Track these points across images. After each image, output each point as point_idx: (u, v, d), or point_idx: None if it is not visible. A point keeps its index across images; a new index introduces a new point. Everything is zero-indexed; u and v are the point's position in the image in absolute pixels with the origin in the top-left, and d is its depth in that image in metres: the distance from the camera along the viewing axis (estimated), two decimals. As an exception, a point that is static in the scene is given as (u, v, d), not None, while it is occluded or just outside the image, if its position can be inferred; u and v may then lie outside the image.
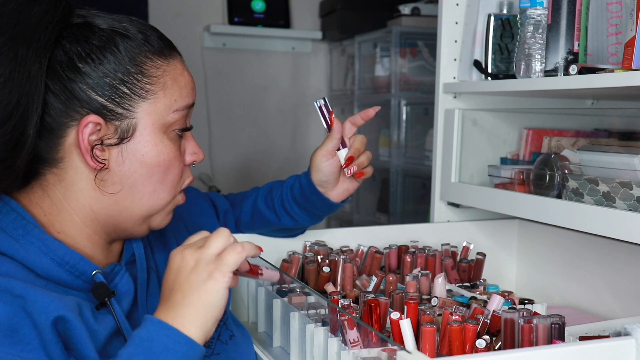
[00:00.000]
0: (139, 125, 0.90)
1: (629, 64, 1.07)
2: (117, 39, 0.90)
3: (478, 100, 1.59)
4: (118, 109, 0.89)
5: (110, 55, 0.88)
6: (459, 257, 1.40)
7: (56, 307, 0.81)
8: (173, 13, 3.01)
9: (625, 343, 0.86)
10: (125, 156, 0.90)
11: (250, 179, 3.13)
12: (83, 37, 0.88)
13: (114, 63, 0.88)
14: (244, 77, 3.17)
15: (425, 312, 1.00)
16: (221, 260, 0.84)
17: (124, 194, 0.92)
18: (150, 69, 0.91)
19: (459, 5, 1.58)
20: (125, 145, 0.90)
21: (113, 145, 0.89)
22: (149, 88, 0.91)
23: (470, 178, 1.55)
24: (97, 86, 0.87)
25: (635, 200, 1.12)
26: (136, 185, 0.92)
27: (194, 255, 0.84)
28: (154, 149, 0.92)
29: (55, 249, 0.88)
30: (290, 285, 1.23)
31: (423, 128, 2.62)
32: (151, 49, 0.92)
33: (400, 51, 2.66)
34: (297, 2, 3.21)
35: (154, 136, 0.92)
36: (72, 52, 0.87)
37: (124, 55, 0.89)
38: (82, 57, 0.87)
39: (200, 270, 0.83)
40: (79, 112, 0.87)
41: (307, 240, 1.41)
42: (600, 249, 1.40)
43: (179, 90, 0.94)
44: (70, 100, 0.87)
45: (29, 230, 0.88)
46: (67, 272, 0.88)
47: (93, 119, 0.87)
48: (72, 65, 0.87)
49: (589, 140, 1.47)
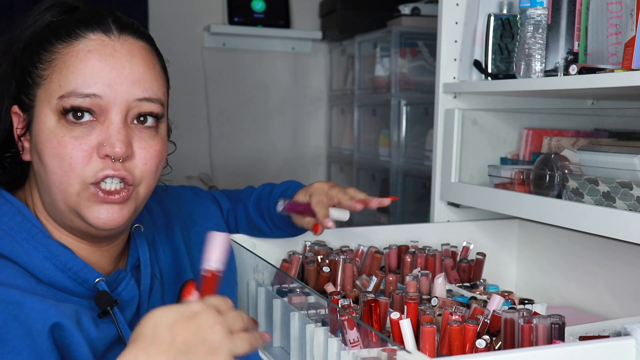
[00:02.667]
0: (35, 114, 0.90)
1: (629, 64, 1.07)
2: (42, 33, 0.92)
3: (478, 100, 1.59)
4: (26, 100, 0.90)
5: (28, 50, 0.91)
6: (459, 257, 1.40)
7: (53, 314, 0.81)
8: (173, 13, 3.01)
9: (625, 343, 0.86)
10: (32, 147, 0.91)
11: (250, 179, 3.14)
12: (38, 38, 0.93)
13: (26, 57, 0.91)
14: (244, 77, 3.17)
15: (425, 312, 1.00)
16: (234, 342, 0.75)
17: (43, 187, 0.90)
18: (46, 55, 0.89)
19: (459, 5, 1.58)
20: (31, 135, 0.90)
21: (24, 135, 0.91)
22: (42, 74, 0.89)
23: (470, 178, 1.55)
24: (19, 80, 0.91)
25: (635, 200, 1.12)
26: (41, 177, 0.90)
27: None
28: (42, 138, 0.88)
29: (58, 255, 0.88)
30: (290, 285, 1.23)
31: (423, 128, 2.62)
32: (55, 34, 0.90)
33: (400, 51, 2.66)
34: (297, 2, 3.21)
35: (44, 125, 0.88)
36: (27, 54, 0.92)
37: (34, 48, 0.91)
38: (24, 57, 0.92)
39: (211, 331, 0.74)
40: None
41: (307, 240, 1.41)
42: (600, 249, 1.39)
43: (67, 74, 0.87)
44: (13, 97, 0.92)
45: (34, 234, 0.88)
46: (69, 278, 0.88)
47: (14, 109, 0.92)
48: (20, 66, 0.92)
49: (589, 140, 1.47)
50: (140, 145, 0.90)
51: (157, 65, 0.95)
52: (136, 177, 0.90)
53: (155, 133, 0.93)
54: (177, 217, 1.16)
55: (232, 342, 0.75)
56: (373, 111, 2.91)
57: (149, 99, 0.91)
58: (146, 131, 0.92)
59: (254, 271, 1.32)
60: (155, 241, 1.07)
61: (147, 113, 0.91)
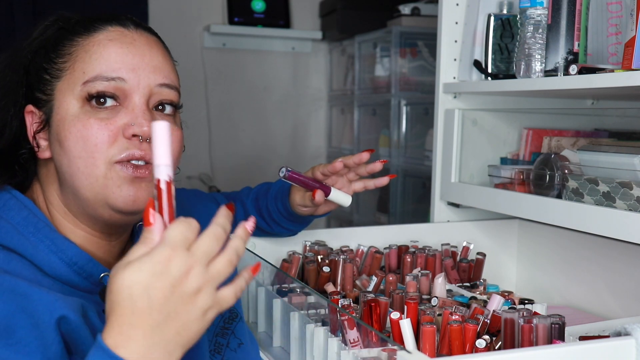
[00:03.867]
0: (54, 106, 0.90)
1: (629, 64, 1.07)
2: (57, 36, 0.93)
3: (478, 100, 1.59)
4: (42, 96, 0.91)
5: (41, 52, 0.92)
6: (459, 257, 1.40)
7: (60, 306, 0.81)
8: (173, 13, 3.01)
9: (625, 343, 0.86)
10: (51, 140, 0.91)
11: (250, 179, 3.13)
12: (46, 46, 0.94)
13: (43, 58, 0.92)
14: (244, 77, 3.17)
15: (425, 312, 1.00)
16: (213, 265, 0.71)
17: (64, 181, 0.90)
18: (65, 49, 0.91)
19: (459, 5, 1.58)
20: (50, 129, 0.91)
21: (42, 131, 0.91)
22: (62, 67, 0.90)
23: (470, 178, 1.55)
24: (34, 81, 0.92)
25: (635, 200, 1.12)
26: (63, 167, 0.89)
27: (167, 281, 0.68)
28: (64, 126, 0.88)
29: (64, 249, 0.88)
30: (290, 285, 1.23)
31: (423, 128, 2.62)
32: (72, 31, 0.92)
33: (400, 51, 2.66)
34: (297, 2, 3.21)
35: (66, 113, 0.89)
36: (38, 61, 0.94)
37: (50, 47, 0.92)
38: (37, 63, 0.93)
39: (189, 282, 0.69)
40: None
41: (307, 240, 1.41)
42: (600, 249, 1.39)
43: (90, 61, 0.89)
44: (28, 99, 0.93)
45: (40, 228, 0.88)
46: (75, 273, 0.88)
47: (28, 109, 0.92)
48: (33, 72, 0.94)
49: (589, 140, 1.47)
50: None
51: (172, 60, 0.98)
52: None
53: (174, 122, 0.95)
54: None
55: (212, 276, 0.70)
56: (373, 111, 2.91)
57: (169, 86, 0.93)
58: (166, 118, 0.93)
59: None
60: None
61: (168, 101, 0.93)
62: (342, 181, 1.24)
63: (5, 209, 0.89)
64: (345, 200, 1.23)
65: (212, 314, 0.72)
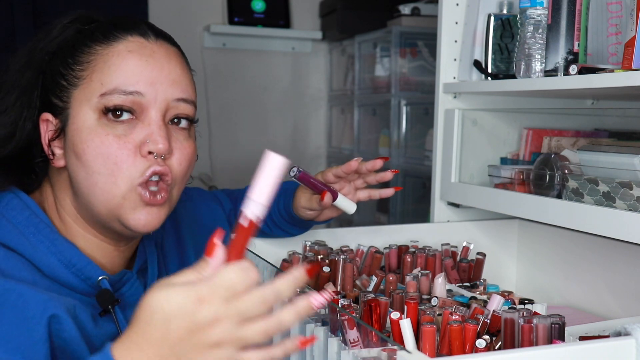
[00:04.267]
0: (70, 115, 0.89)
1: (629, 64, 1.07)
2: (75, 40, 0.92)
3: (478, 100, 1.59)
4: (59, 102, 0.90)
5: (59, 57, 0.91)
6: (459, 257, 1.40)
7: (53, 305, 0.81)
8: (173, 13, 3.01)
9: (625, 343, 0.86)
10: (67, 149, 0.90)
11: (250, 179, 3.12)
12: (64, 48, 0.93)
13: (60, 62, 0.91)
14: (244, 77, 3.17)
15: (425, 312, 1.00)
16: (245, 328, 0.65)
17: (81, 189, 0.90)
18: (84, 56, 0.90)
19: (459, 5, 1.58)
20: (65, 137, 0.90)
21: (57, 139, 0.91)
22: (79, 75, 0.89)
23: (470, 178, 1.55)
24: (50, 86, 0.91)
25: (635, 200, 1.12)
26: (79, 179, 0.89)
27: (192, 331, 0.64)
28: (80, 137, 0.87)
29: (63, 250, 0.88)
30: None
31: (423, 128, 2.62)
32: (91, 37, 0.91)
33: (400, 51, 2.66)
34: (297, 2, 3.21)
35: (82, 124, 0.88)
36: (54, 64, 0.93)
37: (68, 52, 0.91)
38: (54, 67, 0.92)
39: (210, 334, 0.65)
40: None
41: (307, 240, 1.41)
42: (600, 249, 1.39)
43: (109, 72, 0.88)
44: (43, 104, 0.92)
45: (41, 229, 0.88)
46: (73, 274, 0.88)
47: (45, 117, 0.91)
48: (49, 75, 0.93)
49: (589, 140, 1.47)
50: (176, 146, 0.92)
51: (190, 72, 0.98)
52: (173, 176, 0.91)
53: (188, 135, 0.95)
54: (185, 221, 1.16)
55: (239, 337, 0.65)
56: (373, 111, 2.91)
57: (186, 100, 0.93)
58: (181, 132, 0.94)
59: (254, 271, 1.31)
60: (164, 245, 1.07)
61: (184, 115, 0.93)
62: (349, 188, 1.23)
63: (8, 208, 0.89)
64: (350, 207, 1.22)
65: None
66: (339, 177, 1.20)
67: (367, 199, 1.25)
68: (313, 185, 1.18)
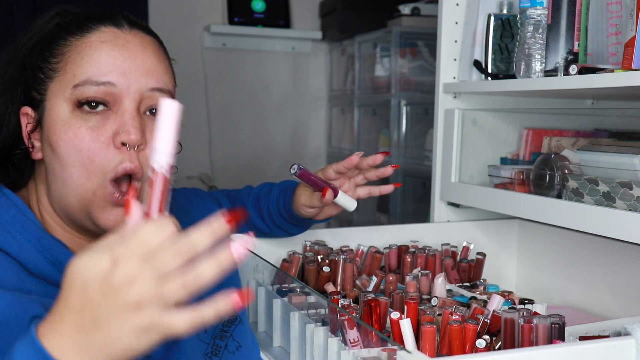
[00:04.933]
0: (47, 107, 0.90)
1: (629, 64, 1.07)
2: (48, 34, 0.92)
3: (478, 100, 1.59)
4: (37, 95, 0.91)
5: (37, 51, 0.91)
6: (459, 257, 1.40)
7: (35, 306, 0.81)
8: (173, 13, 3.01)
9: (625, 343, 0.86)
10: (43, 141, 0.91)
11: (250, 179, 3.13)
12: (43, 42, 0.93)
13: (38, 56, 0.91)
14: (244, 77, 3.17)
15: (425, 312, 1.00)
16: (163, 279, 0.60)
17: (53, 183, 0.90)
18: (59, 48, 0.90)
19: (459, 5, 1.58)
20: (42, 129, 0.90)
21: (34, 131, 0.91)
22: (55, 67, 0.89)
23: (470, 178, 1.55)
24: (29, 79, 0.91)
25: (635, 200, 1.12)
26: (54, 172, 0.89)
27: (102, 276, 0.61)
28: (54, 129, 0.88)
29: (50, 248, 0.88)
30: (290, 285, 1.23)
31: (423, 128, 2.62)
32: (67, 30, 0.91)
33: (400, 51, 2.66)
34: (297, 2, 3.21)
35: (56, 116, 0.88)
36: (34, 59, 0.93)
37: (46, 46, 0.91)
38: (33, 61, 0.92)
39: (125, 288, 0.60)
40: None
41: (307, 240, 1.41)
42: (600, 249, 1.39)
43: (81, 63, 0.87)
44: (26, 97, 0.92)
45: (27, 227, 0.88)
46: (59, 272, 0.88)
47: (25, 110, 0.91)
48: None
49: (589, 140, 1.47)
50: (150, 137, 0.90)
51: (167, 61, 0.96)
52: (145, 170, 0.90)
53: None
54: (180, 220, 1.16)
55: (160, 294, 0.60)
56: (373, 111, 2.91)
57: (161, 90, 0.91)
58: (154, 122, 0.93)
59: (254, 271, 1.32)
60: None
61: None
62: (349, 185, 1.23)
63: None
64: (351, 204, 1.22)
65: (153, 337, 0.61)
66: (339, 173, 1.20)
67: (367, 196, 1.25)
68: (313, 183, 1.19)
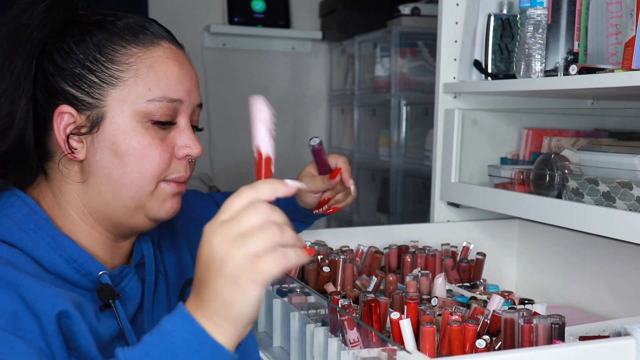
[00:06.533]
0: (108, 114, 0.90)
1: (629, 64, 1.07)
2: (92, 31, 0.91)
3: (478, 100, 1.59)
4: (88, 99, 0.90)
5: (80, 47, 0.90)
6: (459, 257, 1.40)
7: (62, 300, 0.82)
8: (173, 13, 3.01)
9: (625, 343, 0.86)
10: (97, 145, 0.90)
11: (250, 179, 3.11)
12: (68, 33, 0.91)
13: (82, 54, 0.90)
14: (244, 77, 3.17)
15: (425, 312, 1.00)
16: (257, 268, 0.70)
17: (104, 185, 0.91)
18: (121, 57, 0.90)
19: (459, 5, 1.58)
20: (97, 134, 0.90)
21: (85, 135, 0.90)
22: (118, 75, 0.90)
23: (470, 178, 1.55)
24: (69, 77, 0.90)
25: (635, 200, 1.12)
26: (112, 175, 0.90)
27: (225, 248, 0.72)
28: (124, 137, 0.89)
29: (64, 246, 0.89)
30: (290, 285, 1.23)
31: (423, 128, 2.62)
32: (126, 38, 0.91)
33: (400, 51, 2.66)
34: (297, 2, 3.21)
35: (124, 124, 0.90)
36: (53, 48, 0.90)
37: (93, 45, 0.90)
38: (58, 51, 0.90)
39: (228, 275, 0.71)
40: (56, 105, 0.90)
41: (307, 240, 1.41)
42: (600, 249, 1.39)
43: (156, 79, 0.91)
44: (50, 93, 0.90)
45: (41, 226, 0.89)
46: (74, 270, 0.89)
47: (65, 109, 0.90)
48: (51, 60, 0.90)
49: (589, 140, 1.47)
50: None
51: None
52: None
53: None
54: (181, 221, 1.16)
55: (255, 267, 0.71)
56: (373, 111, 2.91)
57: (201, 105, 1.01)
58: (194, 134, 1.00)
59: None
60: (160, 242, 1.08)
61: (196, 123, 1.01)
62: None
63: (6, 206, 0.90)
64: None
65: (254, 288, 0.71)
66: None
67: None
68: (323, 162, 1.20)
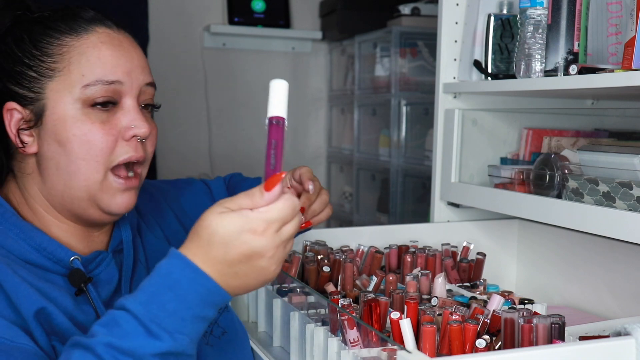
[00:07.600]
0: (48, 105, 0.92)
1: (629, 64, 1.07)
2: (30, 28, 0.94)
3: (478, 100, 1.59)
4: (29, 93, 0.92)
5: (20, 45, 0.93)
6: (459, 257, 1.40)
7: (37, 299, 0.84)
8: (173, 13, 3.01)
9: (625, 343, 0.86)
10: (44, 137, 0.92)
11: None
12: (9, 34, 0.95)
13: (20, 52, 0.93)
14: (244, 77, 3.17)
15: (425, 312, 1.00)
16: (286, 247, 0.78)
17: (55, 177, 0.93)
18: (54, 48, 0.92)
19: (459, 5, 1.58)
20: (42, 126, 0.92)
21: (32, 128, 0.93)
22: (54, 67, 0.92)
23: (470, 178, 1.55)
24: (12, 76, 0.93)
25: (635, 200, 1.12)
26: (60, 165, 0.92)
27: (278, 253, 0.77)
28: (64, 126, 0.91)
29: (33, 236, 0.91)
30: (290, 285, 1.23)
31: (423, 128, 2.62)
32: (60, 29, 0.93)
33: (400, 51, 2.66)
34: (297, 2, 3.21)
35: (64, 114, 0.91)
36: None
37: (30, 42, 0.93)
38: (1, 54, 0.94)
39: (271, 275, 0.78)
40: (3, 103, 0.93)
41: (307, 240, 1.41)
42: (600, 249, 1.40)
43: (88, 64, 0.91)
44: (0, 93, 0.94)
45: (7, 218, 0.91)
46: (45, 257, 0.91)
47: (11, 106, 0.93)
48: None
49: (589, 140, 1.47)
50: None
51: None
52: (146, 157, 0.97)
53: (151, 117, 1.00)
54: (169, 207, 1.18)
55: (280, 258, 0.77)
56: (373, 111, 2.91)
57: (152, 84, 0.98)
58: (147, 114, 0.99)
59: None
60: (141, 228, 1.09)
61: (150, 101, 0.98)
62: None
63: None
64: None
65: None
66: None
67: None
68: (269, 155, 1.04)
